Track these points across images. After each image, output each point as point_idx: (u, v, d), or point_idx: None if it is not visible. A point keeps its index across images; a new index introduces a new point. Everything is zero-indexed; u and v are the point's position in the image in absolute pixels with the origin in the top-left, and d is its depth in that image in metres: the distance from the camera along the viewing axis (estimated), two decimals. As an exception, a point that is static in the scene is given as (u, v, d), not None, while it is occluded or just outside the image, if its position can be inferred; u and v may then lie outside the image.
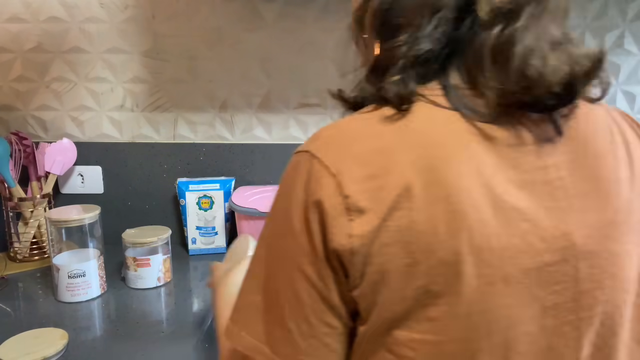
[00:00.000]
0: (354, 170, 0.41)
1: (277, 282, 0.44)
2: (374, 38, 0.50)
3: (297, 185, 0.43)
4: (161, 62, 1.20)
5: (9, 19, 1.18)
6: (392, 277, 0.40)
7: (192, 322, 0.88)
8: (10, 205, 1.14)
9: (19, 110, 1.23)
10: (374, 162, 0.41)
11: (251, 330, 0.45)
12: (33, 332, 0.81)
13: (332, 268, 0.42)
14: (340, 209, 0.40)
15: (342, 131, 0.44)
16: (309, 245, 0.42)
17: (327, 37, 1.19)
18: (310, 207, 0.42)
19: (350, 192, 0.40)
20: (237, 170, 1.25)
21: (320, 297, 0.42)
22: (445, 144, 0.41)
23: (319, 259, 0.42)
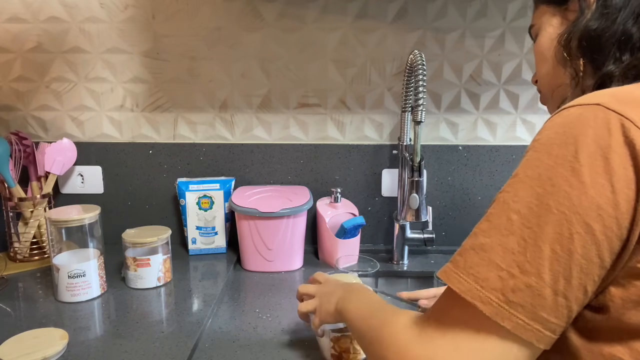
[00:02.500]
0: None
1: (541, 230, 0.42)
2: (582, 56, 0.56)
3: (588, 137, 0.42)
4: (161, 62, 1.20)
5: (9, 19, 1.18)
6: None
7: (192, 322, 0.88)
8: (10, 205, 1.14)
9: (19, 110, 1.23)
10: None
11: (479, 274, 0.43)
12: (33, 332, 0.81)
13: (629, 231, 0.41)
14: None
15: (630, 91, 0.45)
16: (604, 199, 0.40)
17: (327, 37, 1.19)
18: (615, 159, 0.40)
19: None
20: (237, 170, 1.25)
21: (598, 259, 0.41)
22: None
23: (615, 218, 0.40)
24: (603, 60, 0.53)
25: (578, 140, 0.42)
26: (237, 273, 1.13)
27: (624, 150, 0.40)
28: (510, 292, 0.42)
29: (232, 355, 0.79)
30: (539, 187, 0.43)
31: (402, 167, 1.18)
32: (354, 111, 1.23)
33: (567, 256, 0.41)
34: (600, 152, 0.41)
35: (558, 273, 0.41)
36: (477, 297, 0.43)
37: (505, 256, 0.42)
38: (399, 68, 1.20)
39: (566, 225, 0.41)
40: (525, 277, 0.41)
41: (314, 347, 0.81)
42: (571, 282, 0.41)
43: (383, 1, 1.17)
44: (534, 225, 0.42)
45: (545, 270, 0.41)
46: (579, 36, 0.55)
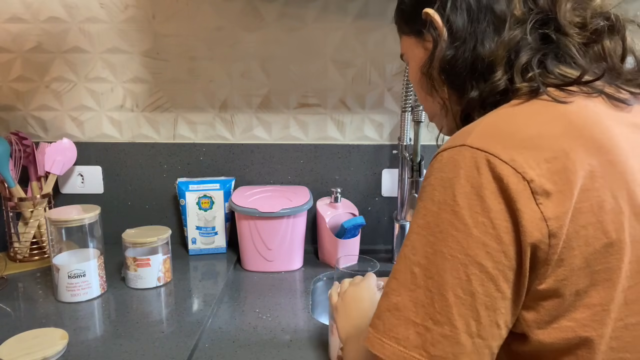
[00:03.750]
0: (528, 156, 0.43)
1: (442, 278, 0.43)
2: (446, 84, 0.57)
3: (461, 178, 0.44)
4: (161, 62, 1.20)
5: (9, 19, 1.18)
6: (591, 260, 0.42)
7: (192, 322, 0.88)
8: (10, 205, 1.14)
9: (19, 110, 1.23)
10: (547, 146, 0.43)
11: (399, 335, 0.44)
12: (33, 332, 0.81)
13: (518, 260, 0.42)
14: (527, 193, 0.42)
15: (497, 123, 0.47)
16: (488, 236, 0.42)
17: (327, 37, 1.19)
18: (488, 196, 0.42)
19: (532, 176, 0.42)
20: (237, 170, 1.25)
21: (498, 293, 0.42)
22: (603, 127, 0.45)
23: (502, 251, 0.42)
24: (463, 87, 0.54)
25: (454, 184, 0.44)
26: (237, 273, 1.13)
27: (494, 186, 0.42)
28: (430, 346, 0.43)
29: (232, 355, 0.79)
30: (430, 235, 0.44)
31: (402, 167, 1.17)
32: (354, 111, 1.23)
33: (470, 298, 0.42)
34: (474, 192, 0.43)
35: (467, 316, 0.42)
36: (402, 358, 0.43)
37: (417, 311, 0.44)
38: (399, 68, 1.20)
39: (462, 269, 0.42)
40: (440, 327, 0.42)
41: (314, 347, 0.81)
42: (481, 322, 0.42)
43: (383, 1, 1.17)
44: (435, 275, 0.43)
45: (455, 317, 0.42)
46: (437, 66, 0.56)
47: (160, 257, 1.02)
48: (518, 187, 0.42)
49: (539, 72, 0.49)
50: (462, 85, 0.54)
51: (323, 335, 0.85)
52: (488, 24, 0.52)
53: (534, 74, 0.49)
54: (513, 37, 0.51)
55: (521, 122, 0.46)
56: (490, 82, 0.51)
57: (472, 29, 0.53)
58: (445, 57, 0.54)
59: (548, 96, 0.48)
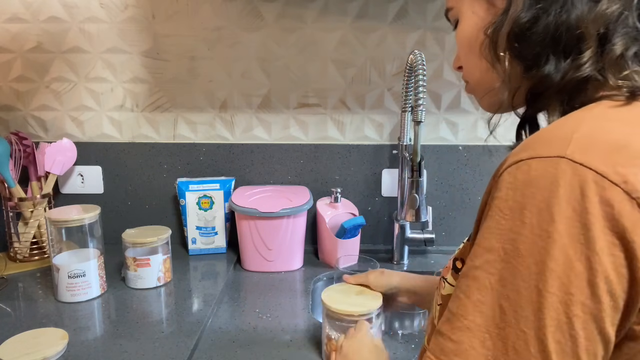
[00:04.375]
0: (637, 172, 0.36)
1: (540, 317, 0.37)
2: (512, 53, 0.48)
3: (561, 200, 0.37)
4: (161, 62, 1.20)
5: (9, 19, 1.18)
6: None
7: (192, 322, 0.88)
8: (10, 205, 1.14)
9: (19, 110, 1.23)
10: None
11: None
12: (33, 332, 0.81)
13: (627, 299, 0.37)
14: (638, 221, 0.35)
15: (600, 129, 0.39)
16: (592, 272, 0.36)
17: (327, 37, 1.19)
18: (595, 224, 0.36)
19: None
20: (237, 170, 1.25)
21: (600, 337, 0.37)
22: None
23: (608, 291, 0.36)
24: (536, 60, 0.46)
25: (551, 205, 0.37)
26: (237, 273, 1.13)
27: (601, 213, 0.36)
28: None
29: (232, 355, 0.79)
30: (522, 265, 0.38)
31: (402, 167, 1.17)
32: (354, 111, 1.23)
33: (572, 343, 0.37)
34: (577, 219, 0.36)
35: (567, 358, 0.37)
36: None
37: (508, 353, 0.38)
38: (399, 68, 1.20)
39: (562, 309, 0.37)
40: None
41: (314, 347, 0.81)
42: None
43: (383, 1, 1.17)
44: (530, 314, 0.38)
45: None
46: (508, 30, 0.47)
47: (160, 257, 1.02)
48: (633, 216, 0.35)
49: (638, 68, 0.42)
50: (535, 57, 0.46)
51: (323, 335, 0.85)
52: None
53: (631, 72, 0.42)
54: (612, 11, 0.42)
55: (629, 131, 0.39)
56: (575, 61, 0.43)
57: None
58: (521, 19, 0.45)
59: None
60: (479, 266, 0.41)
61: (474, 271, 0.41)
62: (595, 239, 0.36)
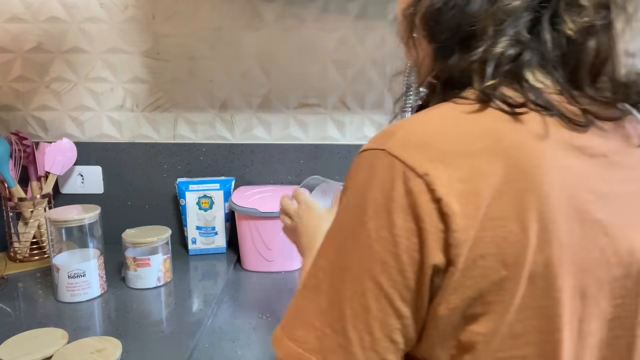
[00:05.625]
0: (442, 171, 0.39)
1: (341, 288, 0.42)
2: (425, 38, 0.48)
3: (375, 186, 0.41)
4: (161, 62, 1.20)
5: (9, 19, 1.18)
6: (485, 292, 0.39)
7: (192, 322, 0.88)
8: (10, 205, 1.14)
9: (19, 110, 1.23)
10: (463, 165, 0.39)
11: (299, 337, 0.43)
12: (33, 332, 0.81)
13: (418, 280, 0.40)
14: (435, 215, 0.38)
15: (422, 128, 0.42)
16: (387, 254, 0.40)
17: (327, 37, 1.19)
18: (396, 211, 0.39)
19: (441, 194, 0.38)
20: (237, 170, 1.25)
21: (391, 310, 0.41)
22: (534, 151, 0.40)
23: (399, 270, 0.40)
24: (445, 48, 0.45)
25: (367, 191, 0.41)
26: (237, 273, 1.13)
27: (404, 201, 0.39)
28: (329, 352, 0.42)
29: (232, 355, 0.79)
30: (337, 242, 0.44)
31: (402, 167, 1.17)
32: (354, 111, 1.23)
33: (365, 312, 0.41)
34: (384, 204, 0.40)
35: (361, 330, 0.41)
36: (298, 359, 0.43)
37: (318, 316, 0.43)
38: (399, 68, 1.20)
39: (358, 282, 0.41)
40: (336, 336, 0.42)
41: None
42: (375, 336, 0.41)
43: (383, 1, 1.17)
44: (336, 283, 0.42)
45: (349, 329, 0.41)
46: (421, 13, 0.47)
47: (160, 257, 1.02)
48: (427, 206, 0.38)
49: (502, 78, 0.42)
50: (443, 45, 0.46)
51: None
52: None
53: (497, 81, 0.42)
54: (510, 8, 0.42)
55: (451, 131, 0.41)
56: (469, 54, 0.43)
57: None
58: (433, 5, 0.45)
59: (497, 107, 0.41)
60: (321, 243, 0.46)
61: None
62: (395, 224, 0.39)
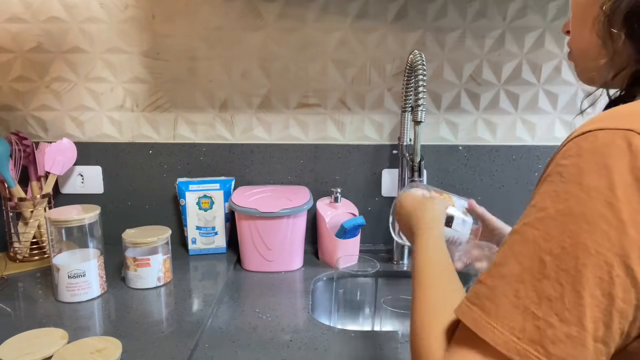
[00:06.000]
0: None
1: (579, 273, 0.38)
2: (627, 36, 0.47)
3: (624, 167, 0.38)
4: (161, 62, 1.20)
5: (9, 19, 1.18)
6: None
7: (192, 322, 0.88)
8: (10, 205, 1.14)
9: (19, 110, 1.23)
10: None
11: (515, 324, 0.40)
12: (33, 332, 0.81)
13: None
14: None
15: (626, 109, 0.42)
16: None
17: (327, 37, 1.19)
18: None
19: None
20: (237, 170, 1.25)
21: (637, 301, 0.38)
22: None
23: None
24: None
25: (613, 172, 0.38)
26: (237, 273, 1.13)
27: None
28: (550, 344, 0.39)
29: (232, 355, 0.79)
30: (572, 224, 0.39)
31: (402, 167, 1.18)
32: (354, 111, 1.23)
33: (608, 302, 0.38)
34: (637, 186, 0.38)
35: (599, 320, 0.38)
36: (514, 349, 0.40)
37: (541, 303, 0.39)
38: (399, 68, 1.20)
39: (606, 268, 0.38)
40: (566, 326, 0.39)
41: (314, 347, 0.82)
42: (611, 328, 0.39)
43: (383, 1, 1.17)
44: (571, 268, 0.39)
45: (586, 318, 0.38)
46: (628, 9, 0.46)
47: (160, 257, 1.02)
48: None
49: None
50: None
51: (323, 335, 0.85)
52: None
53: None
54: None
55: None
56: None
57: None
58: (638, 4, 0.44)
59: None
60: (528, 223, 0.42)
61: (522, 227, 0.43)
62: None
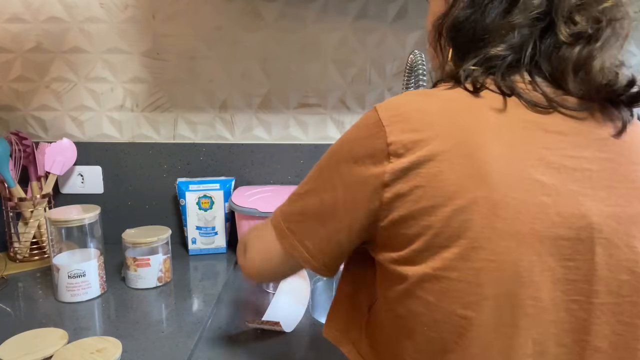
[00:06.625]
0: (401, 123, 0.49)
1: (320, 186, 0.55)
2: (448, 44, 0.57)
3: (361, 129, 0.52)
4: (161, 62, 1.20)
5: (9, 19, 1.18)
6: (416, 216, 0.47)
7: (192, 322, 0.88)
8: (10, 205, 1.14)
9: (19, 110, 1.23)
10: (417, 119, 0.48)
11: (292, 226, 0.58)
12: (33, 332, 0.81)
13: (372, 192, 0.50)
14: (385, 151, 0.49)
15: (403, 98, 0.52)
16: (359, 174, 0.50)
17: (327, 37, 1.19)
18: (367, 144, 0.50)
19: (393, 139, 0.48)
20: (237, 170, 1.25)
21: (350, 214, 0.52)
22: (486, 117, 0.48)
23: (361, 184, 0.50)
24: (465, 54, 0.53)
25: (355, 141, 0.52)
26: (237, 273, 1.13)
27: (375, 140, 0.49)
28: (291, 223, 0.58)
29: (232, 355, 0.79)
30: (330, 159, 0.55)
31: (402, 167, 1.17)
32: (354, 111, 1.23)
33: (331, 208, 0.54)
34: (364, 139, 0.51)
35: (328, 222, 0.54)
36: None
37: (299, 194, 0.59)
38: (399, 68, 1.20)
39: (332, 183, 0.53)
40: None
41: (314, 347, 0.82)
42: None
43: (383, 1, 1.17)
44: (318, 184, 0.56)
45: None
46: (448, 25, 0.55)
47: (160, 257, 1.02)
48: (380, 146, 0.49)
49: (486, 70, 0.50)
50: (462, 49, 0.54)
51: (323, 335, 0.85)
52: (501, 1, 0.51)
53: (478, 75, 0.50)
54: (514, 23, 0.50)
55: (420, 100, 0.51)
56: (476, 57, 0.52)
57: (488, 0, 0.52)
58: (457, 18, 0.54)
59: (464, 88, 0.51)
60: None
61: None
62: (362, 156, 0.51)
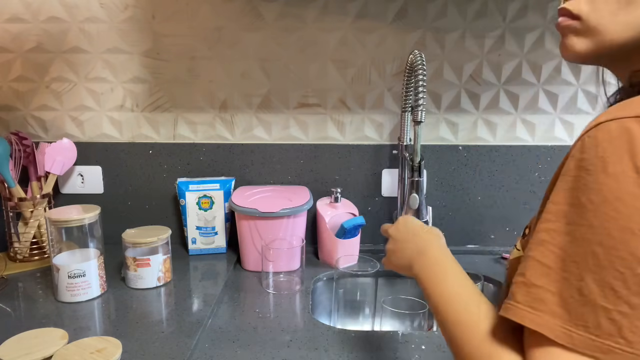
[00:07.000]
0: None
1: (632, 256, 0.38)
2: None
3: (638, 149, 0.39)
4: (161, 62, 1.20)
5: (9, 19, 1.18)
6: None
7: (192, 322, 0.88)
8: (10, 205, 1.14)
9: (19, 110, 1.23)
10: None
11: (589, 323, 0.40)
12: (33, 332, 0.81)
13: None
14: None
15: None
16: None
17: (327, 37, 1.19)
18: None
19: None
20: (237, 170, 1.25)
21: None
22: None
23: None
24: None
25: (634, 154, 0.39)
26: (237, 273, 1.13)
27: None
28: (628, 332, 0.38)
29: (232, 355, 0.79)
30: (611, 210, 0.39)
31: (402, 167, 1.18)
32: (354, 111, 1.23)
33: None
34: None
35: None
36: (596, 348, 0.39)
37: (607, 295, 0.39)
38: (399, 68, 1.20)
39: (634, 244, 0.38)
40: (638, 311, 0.38)
41: (314, 347, 0.82)
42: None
43: (383, 1, 1.17)
44: (624, 253, 0.39)
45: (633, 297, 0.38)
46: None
47: (160, 257, 1.02)
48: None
49: None
50: None
51: (323, 335, 0.85)
52: None
53: None
54: None
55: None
56: None
57: None
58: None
59: None
60: (571, 222, 0.42)
61: (566, 227, 0.42)
62: None
